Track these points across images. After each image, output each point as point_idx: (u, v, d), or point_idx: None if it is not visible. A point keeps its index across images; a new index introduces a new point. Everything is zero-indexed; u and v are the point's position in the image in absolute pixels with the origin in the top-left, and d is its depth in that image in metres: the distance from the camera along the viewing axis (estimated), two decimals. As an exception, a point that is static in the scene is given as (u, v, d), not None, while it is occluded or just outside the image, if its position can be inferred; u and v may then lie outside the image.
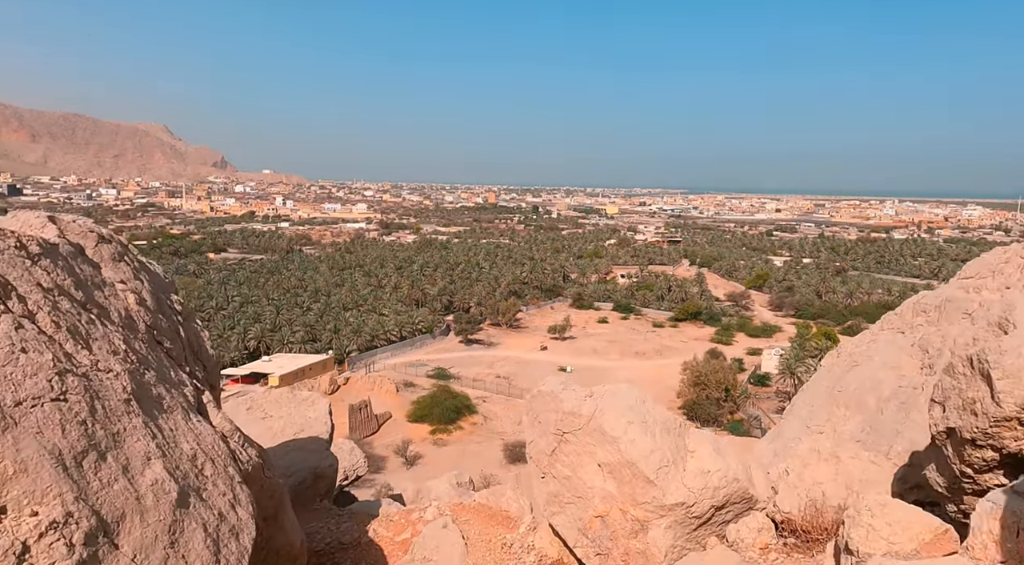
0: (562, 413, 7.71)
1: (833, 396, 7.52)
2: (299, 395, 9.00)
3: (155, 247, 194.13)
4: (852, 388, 7.33)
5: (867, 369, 7.36)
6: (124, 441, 3.70)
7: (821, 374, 8.27)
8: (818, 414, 7.44)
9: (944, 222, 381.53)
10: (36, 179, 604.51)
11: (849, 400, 7.32)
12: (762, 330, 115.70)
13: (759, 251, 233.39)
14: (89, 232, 5.76)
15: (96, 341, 4.17)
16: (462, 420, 68.72)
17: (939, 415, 5.95)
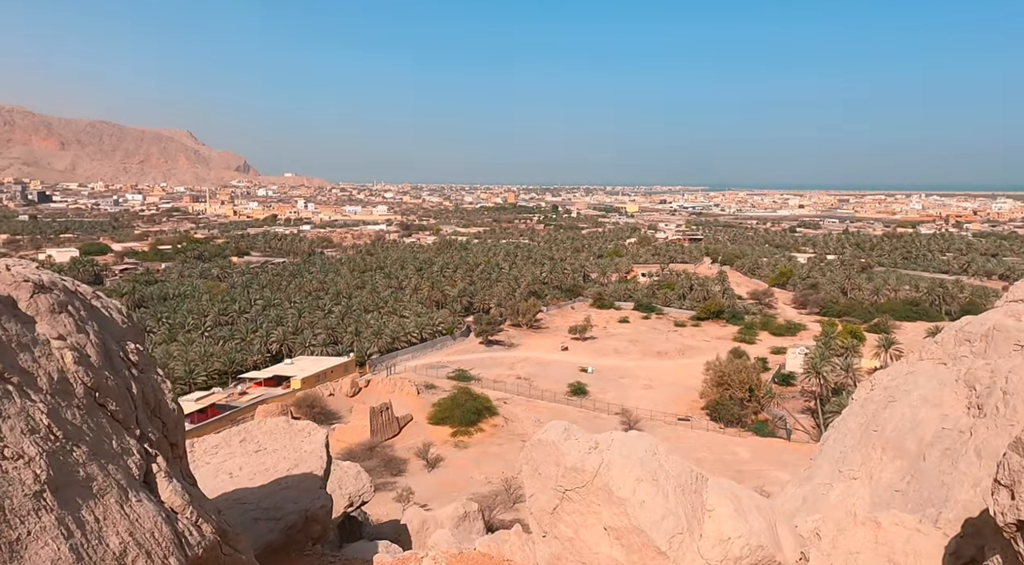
0: (564, 468, 6.98)
1: (868, 436, 6.77)
2: (295, 425, 8.56)
3: (179, 251, 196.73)
4: (889, 428, 6.52)
5: (905, 406, 6.60)
6: (24, 550, 3.20)
7: (854, 409, 7.34)
8: (852, 456, 6.71)
9: (973, 216, 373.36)
10: (65, 186, 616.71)
11: (886, 442, 6.56)
12: (786, 328, 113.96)
13: (782, 248, 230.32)
14: (23, 282, 5.18)
15: (8, 420, 3.71)
16: (483, 422, 68.45)
17: (1006, 502, 4.91)
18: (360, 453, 56.41)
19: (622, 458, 6.83)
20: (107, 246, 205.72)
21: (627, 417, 69.75)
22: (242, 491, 7.37)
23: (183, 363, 78.79)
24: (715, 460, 59.76)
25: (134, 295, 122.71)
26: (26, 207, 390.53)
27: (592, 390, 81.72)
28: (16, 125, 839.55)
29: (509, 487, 48.33)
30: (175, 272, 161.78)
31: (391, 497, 49.11)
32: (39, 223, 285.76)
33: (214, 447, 8.18)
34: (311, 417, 67.55)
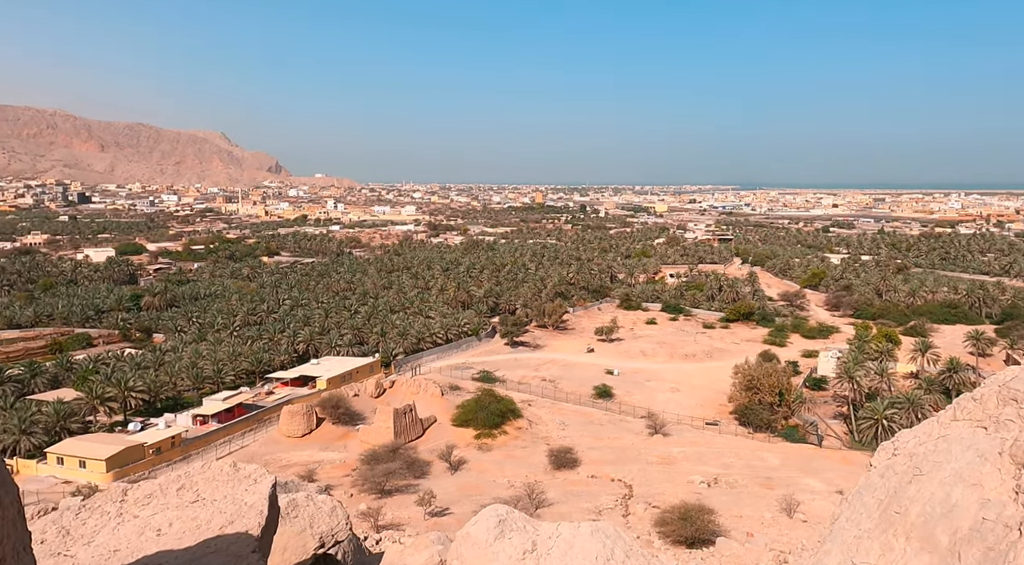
0: None
1: (889, 518, 5.50)
2: (242, 471, 7.93)
3: (211, 251, 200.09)
4: (915, 511, 5.30)
5: (936, 482, 5.38)
6: None
7: (873, 480, 5.69)
8: (868, 544, 5.47)
9: (1015, 215, 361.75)
10: (103, 187, 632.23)
11: (911, 528, 5.31)
12: (818, 331, 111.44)
13: (815, 248, 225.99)
14: None
15: None
16: (507, 424, 67.97)
17: None
18: (383, 455, 56.40)
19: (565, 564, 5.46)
20: (142, 246, 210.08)
21: (653, 421, 68.77)
22: (165, 555, 6.68)
23: (212, 362, 79.80)
24: (743, 466, 58.55)
25: (166, 294, 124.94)
26: (67, 208, 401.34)
27: (618, 393, 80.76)
28: (58, 128, 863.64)
29: (532, 492, 47.86)
30: (207, 272, 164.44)
31: (413, 500, 48.99)
32: (78, 223, 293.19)
33: (147, 496, 7.61)
34: (335, 418, 67.89)
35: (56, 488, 52.78)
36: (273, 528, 7.39)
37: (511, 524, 6.24)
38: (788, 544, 39.89)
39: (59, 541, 6.94)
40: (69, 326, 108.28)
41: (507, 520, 6.30)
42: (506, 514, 6.21)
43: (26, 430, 58.90)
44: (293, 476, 52.22)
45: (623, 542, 5.84)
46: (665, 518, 42.33)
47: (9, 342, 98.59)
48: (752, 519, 44.94)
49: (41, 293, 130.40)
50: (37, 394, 71.80)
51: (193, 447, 61.51)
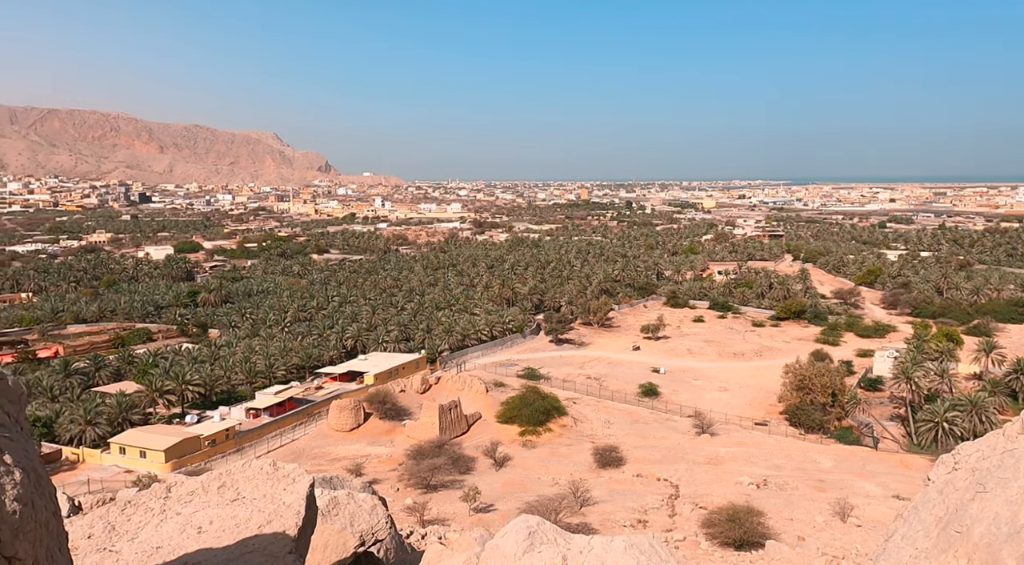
0: None
1: (949, 538, 5.08)
2: (281, 470, 7.99)
3: (264, 249, 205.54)
4: (978, 531, 4.87)
5: (1001, 501, 4.93)
6: None
7: (931, 496, 5.63)
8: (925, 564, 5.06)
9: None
10: (163, 187, 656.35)
11: (973, 550, 4.86)
12: (874, 330, 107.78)
13: (870, 245, 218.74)
14: None
15: None
16: (551, 422, 67.85)
17: None
18: (429, 451, 56.97)
19: None
20: (199, 244, 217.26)
21: (700, 420, 67.66)
22: (204, 553, 6.78)
23: (264, 357, 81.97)
24: (794, 468, 57.10)
25: (221, 291, 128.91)
26: (128, 207, 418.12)
27: (664, 391, 79.74)
28: (121, 131, 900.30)
29: (577, 490, 47.63)
30: (259, 269, 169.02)
31: (458, 496, 49.33)
32: (139, 222, 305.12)
33: (190, 494, 7.76)
34: (382, 413, 68.91)
35: (118, 477, 55.03)
36: (311, 528, 7.48)
37: (541, 536, 6.03)
38: (842, 549, 38.72)
39: (105, 536, 7.18)
40: (131, 321, 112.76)
41: (537, 532, 6.09)
42: (537, 526, 6.01)
43: (91, 421, 61.59)
44: (341, 470, 53.26)
45: (658, 558, 5.59)
46: (712, 519, 41.57)
47: (76, 336, 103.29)
48: (803, 522, 43.77)
49: (105, 289, 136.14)
50: (101, 386, 75.00)
51: (246, 440, 63.30)
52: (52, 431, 61.89)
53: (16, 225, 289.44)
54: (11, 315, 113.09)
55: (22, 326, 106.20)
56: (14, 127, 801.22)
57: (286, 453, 60.94)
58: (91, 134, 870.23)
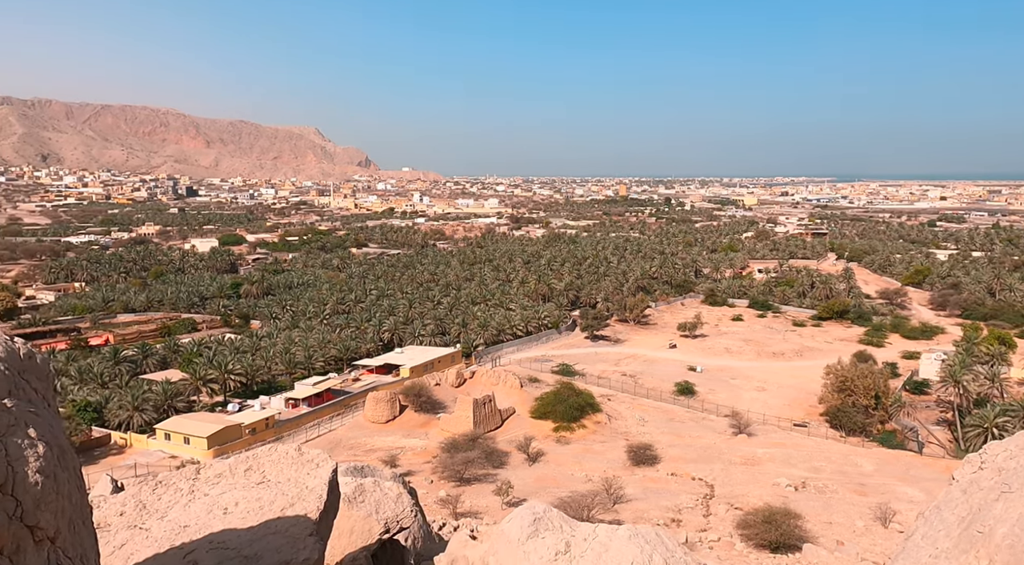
0: None
1: (970, 538, 4.86)
2: (305, 456, 8.11)
3: (305, 242, 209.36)
4: (1001, 532, 4.64)
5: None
6: None
7: (954, 495, 5.46)
8: (945, 564, 4.87)
9: None
10: (209, 181, 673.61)
11: (995, 551, 4.64)
12: (920, 331, 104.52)
13: (919, 244, 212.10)
14: None
15: None
16: (586, 418, 67.62)
17: None
18: (463, 444, 57.34)
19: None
20: (242, 237, 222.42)
21: (737, 420, 66.65)
22: (229, 533, 6.94)
23: (303, 349, 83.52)
24: (834, 471, 55.82)
25: (263, 283, 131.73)
26: (176, 201, 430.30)
27: (701, 390, 78.74)
28: (170, 126, 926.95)
29: (610, 487, 47.39)
30: (300, 262, 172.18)
31: (491, 489, 49.57)
32: (186, 215, 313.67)
33: (217, 476, 7.95)
34: (417, 406, 69.60)
35: (163, 462, 56.78)
36: (333, 512, 7.61)
37: (546, 523, 5.99)
38: (882, 555, 37.75)
39: (136, 514, 7.44)
40: (176, 311, 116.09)
41: (543, 518, 6.07)
42: (543, 513, 6.05)
43: (138, 407, 63.65)
44: (376, 461, 54.00)
45: (664, 548, 5.53)
46: (748, 520, 40.92)
47: (125, 325, 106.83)
48: (843, 527, 42.78)
49: (153, 280, 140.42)
50: (148, 374, 77.43)
51: (285, 429, 64.64)
52: (102, 416, 64.17)
53: (71, 217, 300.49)
54: (65, 303, 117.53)
55: (75, 314, 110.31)
56: (70, 122, 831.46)
57: (323, 443, 62.04)
58: (142, 129, 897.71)
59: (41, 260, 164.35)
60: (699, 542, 39.11)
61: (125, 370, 76.40)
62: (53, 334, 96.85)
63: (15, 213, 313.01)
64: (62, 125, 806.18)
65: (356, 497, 9.07)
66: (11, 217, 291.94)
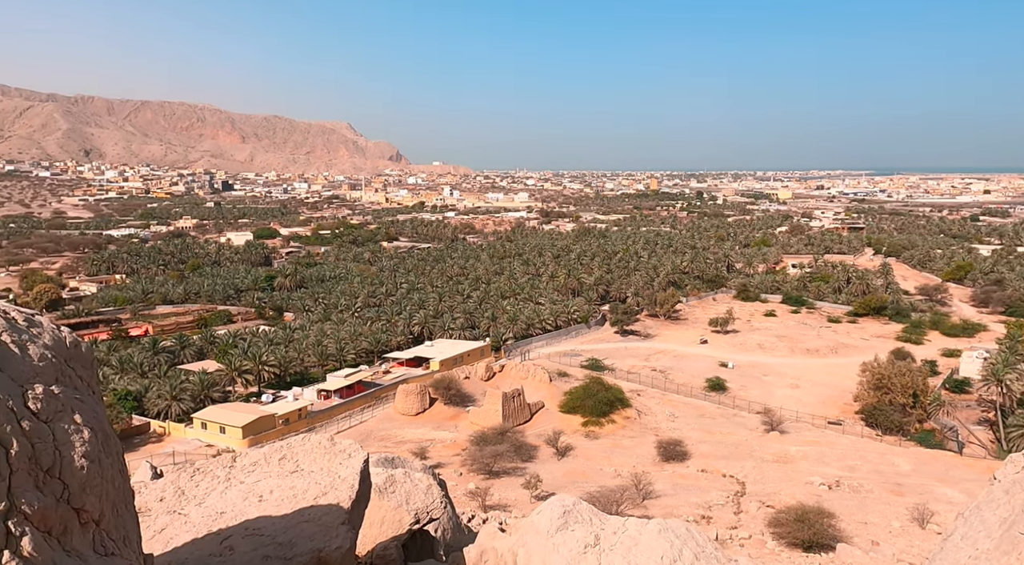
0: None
1: (1012, 539, 4.64)
2: (338, 446, 8.20)
3: (337, 236, 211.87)
4: None
5: None
6: None
7: (996, 497, 5.23)
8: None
9: None
10: (244, 175, 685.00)
11: None
12: (961, 329, 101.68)
13: (960, 239, 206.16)
14: None
15: None
16: (615, 413, 67.35)
17: None
18: (492, 437, 57.58)
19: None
20: (276, 230, 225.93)
21: (769, 417, 65.72)
22: (264, 520, 7.08)
23: (335, 341, 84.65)
24: (870, 470, 54.74)
25: (296, 276, 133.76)
26: (212, 195, 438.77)
27: (732, 387, 77.81)
28: (206, 121, 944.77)
29: (639, 483, 47.17)
30: (332, 255, 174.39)
31: (519, 483, 49.73)
32: (222, 209, 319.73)
33: (253, 464, 8.10)
34: (447, 399, 70.05)
35: (200, 450, 58.14)
36: (364, 502, 7.73)
37: (576, 516, 5.96)
38: (919, 556, 36.94)
39: (175, 500, 7.66)
40: (213, 303, 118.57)
41: (572, 511, 6.05)
42: (572, 505, 6.05)
43: (176, 396, 65.26)
44: (406, 453, 54.55)
45: (694, 543, 5.49)
46: (780, 519, 40.37)
47: (163, 317, 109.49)
48: (878, 527, 41.95)
49: (190, 273, 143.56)
50: (185, 364, 79.30)
51: (317, 420, 65.67)
52: (142, 405, 65.95)
53: (112, 211, 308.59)
54: (107, 295, 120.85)
55: (116, 306, 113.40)
56: (111, 118, 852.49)
57: (354, 434, 62.85)
58: (179, 125, 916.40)
59: (84, 253, 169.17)
60: (730, 540, 38.74)
61: (164, 360, 78.32)
62: (95, 325, 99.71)
63: (59, 207, 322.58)
64: (104, 121, 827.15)
65: (387, 488, 9.20)
66: (56, 211, 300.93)
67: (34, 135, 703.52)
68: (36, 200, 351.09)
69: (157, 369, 75.13)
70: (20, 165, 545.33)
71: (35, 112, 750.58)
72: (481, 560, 7.29)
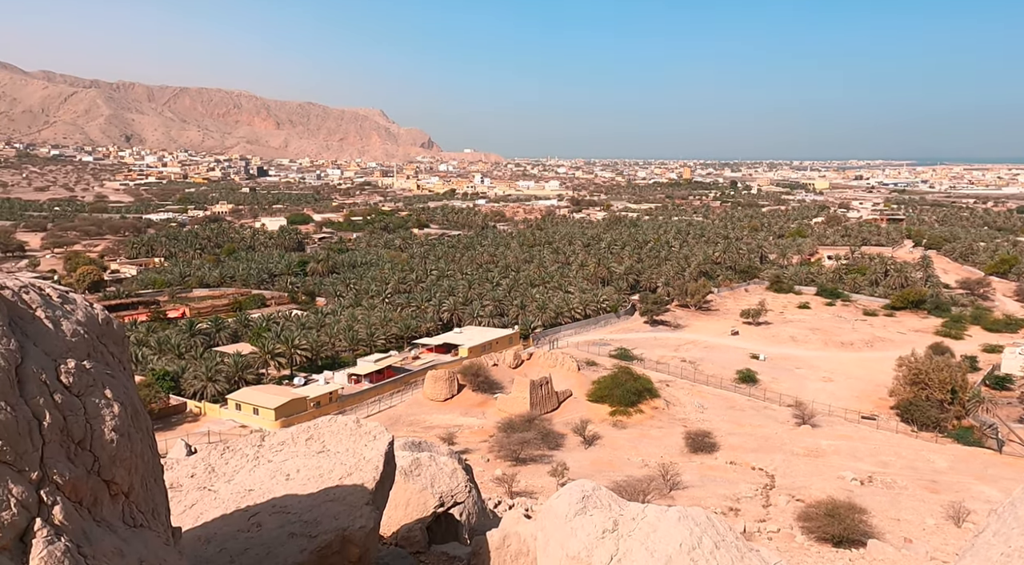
0: (566, 555, 5.45)
1: None
2: (363, 428, 8.27)
3: (369, 222, 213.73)
4: None
5: None
6: None
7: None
8: (1018, 563, 4.56)
9: None
10: (278, 161, 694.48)
11: None
12: (1004, 324, 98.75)
13: (1005, 231, 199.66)
14: None
15: None
16: (643, 403, 67.06)
17: None
18: (519, 424, 57.83)
19: (644, 553, 5.09)
20: (309, 216, 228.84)
21: (800, 410, 64.81)
22: (291, 498, 7.21)
23: (366, 326, 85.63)
24: (904, 466, 53.71)
25: (328, 262, 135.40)
26: (247, 180, 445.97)
27: (763, 379, 76.82)
28: (242, 108, 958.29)
29: (666, 473, 47.02)
30: (363, 242, 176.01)
31: (546, 470, 49.93)
32: (256, 195, 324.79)
33: (281, 443, 8.23)
34: (475, 385, 70.47)
35: (234, 430, 59.51)
36: (389, 483, 7.83)
37: (595, 501, 5.96)
38: (953, 555, 36.16)
39: (206, 476, 7.85)
40: (247, 287, 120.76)
41: (591, 496, 6.06)
42: (592, 491, 6.04)
43: (212, 378, 66.78)
44: (434, 438, 55.06)
45: (714, 531, 5.43)
46: (809, 513, 39.89)
47: (200, 299, 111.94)
48: (912, 524, 41.19)
49: (225, 257, 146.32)
50: (220, 346, 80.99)
51: (347, 404, 66.64)
52: (179, 385, 67.65)
53: (151, 195, 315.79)
54: (146, 278, 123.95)
55: (155, 288, 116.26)
56: (151, 105, 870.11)
57: (383, 419, 63.67)
58: (216, 111, 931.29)
59: (124, 236, 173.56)
60: (758, 532, 38.40)
61: (200, 342, 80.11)
62: (135, 306, 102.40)
63: (101, 191, 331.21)
64: (144, 107, 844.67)
65: (412, 470, 9.30)
66: (98, 195, 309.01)
67: (78, 121, 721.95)
68: (79, 184, 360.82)
69: (193, 351, 76.89)
70: (65, 150, 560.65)
71: (79, 98, 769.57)
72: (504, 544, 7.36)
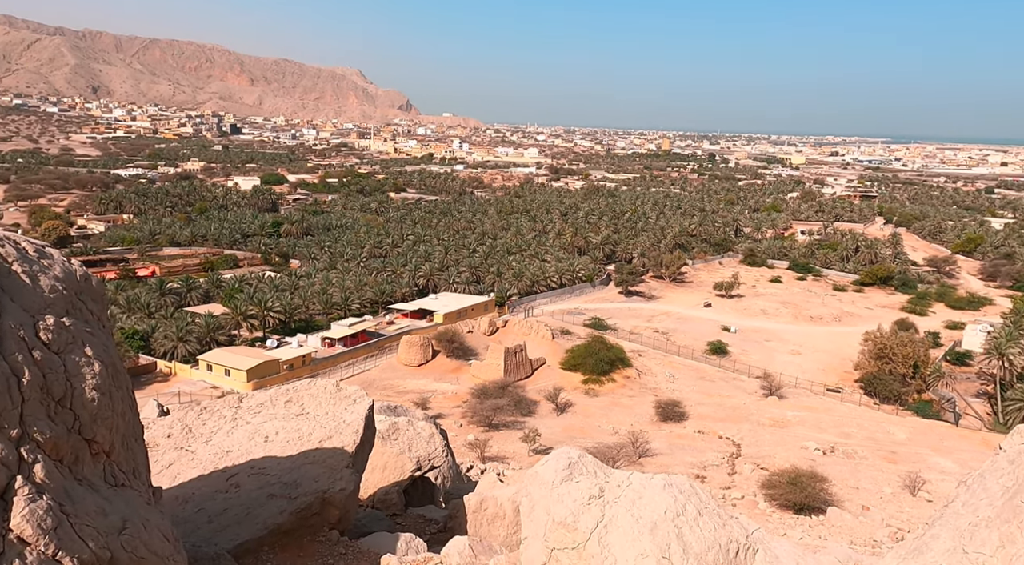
0: (552, 520, 5.52)
1: (1015, 508, 4.71)
2: (343, 391, 8.24)
3: (344, 185, 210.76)
4: None
5: None
6: None
7: (1000, 465, 5.28)
8: (985, 533, 4.75)
9: None
10: (252, 119, 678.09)
11: None
12: (967, 302, 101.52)
13: (974, 211, 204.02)
14: None
15: None
16: (615, 372, 67.98)
17: None
18: (493, 390, 58.32)
19: (629, 519, 5.22)
20: (283, 176, 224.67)
21: (768, 382, 66.26)
22: (269, 460, 7.20)
23: (340, 290, 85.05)
24: (865, 437, 55.45)
25: (302, 224, 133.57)
26: (220, 138, 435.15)
27: (733, 351, 78.24)
28: (215, 62, 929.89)
29: (636, 440, 47.93)
30: (339, 204, 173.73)
31: (518, 436, 50.60)
32: (230, 153, 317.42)
33: (259, 405, 8.19)
34: (449, 352, 70.69)
35: (205, 391, 59.11)
36: (368, 446, 7.85)
37: (581, 468, 6.08)
38: (908, 522, 37.68)
39: (183, 437, 7.79)
40: (219, 247, 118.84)
41: (577, 463, 6.17)
42: (577, 458, 6.18)
43: (182, 338, 66.03)
44: (408, 402, 55.32)
45: (697, 498, 5.61)
46: (773, 481, 41.13)
47: (170, 258, 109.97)
48: (870, 493, 42.72)
49: (197, 216, 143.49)
50: (191, 306, 79.95)
51: (321, 367, 66.47)
52: (148, 344, 66.78)
53: (120, 150, 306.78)
54: (114, 234, 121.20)
55: (124, 246, 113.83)
56: (119, 55, 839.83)
57: (357, 382, 63.70)
58: (188, 65, 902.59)
59: (92, 191, 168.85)
60: (723, 499, 39.50)
61: (170, 302, 78.94)
62: (103, 263, 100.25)
63: (67, 144, 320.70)
64: (112, 58, 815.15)
65: (390, 435, 9.34)
66: (64, 147, 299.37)
67: (41, 69, 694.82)
68: (44, 136, 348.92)
69: (164, 310, 75.79)
70: (28, 99, 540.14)
71: (43, 45, 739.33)
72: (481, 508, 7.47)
